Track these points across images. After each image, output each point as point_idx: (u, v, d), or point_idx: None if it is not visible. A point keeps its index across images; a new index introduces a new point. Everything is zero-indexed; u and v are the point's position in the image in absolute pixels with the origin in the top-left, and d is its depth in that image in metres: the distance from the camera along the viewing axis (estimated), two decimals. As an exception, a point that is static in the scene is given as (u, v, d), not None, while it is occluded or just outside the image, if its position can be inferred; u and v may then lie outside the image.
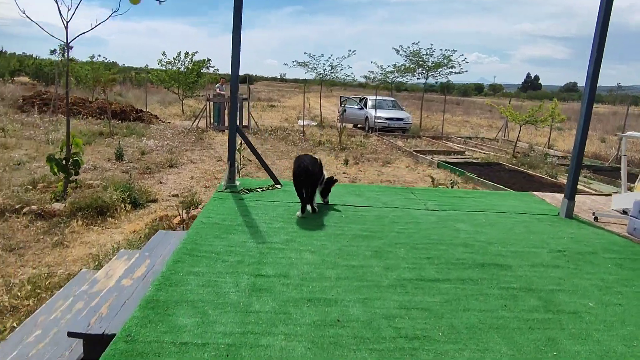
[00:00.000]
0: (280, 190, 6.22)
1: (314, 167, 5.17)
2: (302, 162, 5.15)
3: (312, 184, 5.25)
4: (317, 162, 5.37)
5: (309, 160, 5.21)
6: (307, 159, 5.23)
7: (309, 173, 5.06)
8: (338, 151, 15.31)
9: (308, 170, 5.05)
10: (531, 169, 13.84)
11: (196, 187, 9.37)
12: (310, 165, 5.12)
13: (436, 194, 6.68)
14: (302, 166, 5.07)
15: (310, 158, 5.35)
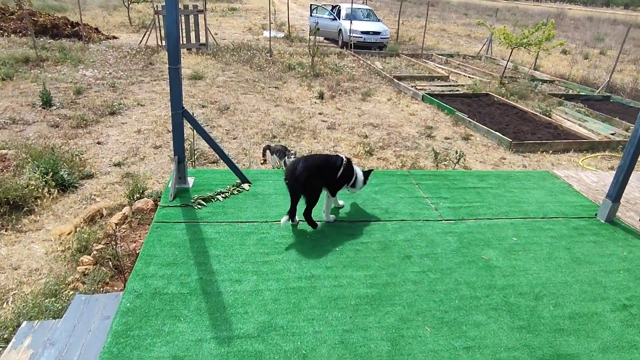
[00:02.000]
0: (249, 194, 4.61)
1: (316, 173, 3.85)
2: (299, 165, 3.79)
3: (312, 192, 3.79)
4: (334, 165, 3.98)
5: (315, 165, 3.85)
6: (315, 162, 3.93)
7: (307, 181, 3.79)
8: (311, 79, 13.26)
9: (307, 179, 3.79)
10: (522, 100, 12.44)
11: (144, 149, 7.52)
12: (311, 172, 3.80)
13: (444, 182, 5.24)
14: (299, 172, 3.76)
15: (321, 161, 3.93)
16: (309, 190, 3.83)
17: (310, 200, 3.89)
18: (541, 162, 8.42)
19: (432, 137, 9.27)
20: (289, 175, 3.79)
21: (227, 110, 9.80)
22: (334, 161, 4.00)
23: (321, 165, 3.89)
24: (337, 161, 4.00)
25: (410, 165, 7.73)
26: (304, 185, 3.76)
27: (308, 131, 9.02)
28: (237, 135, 8.46)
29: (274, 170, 5.54)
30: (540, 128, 10.23)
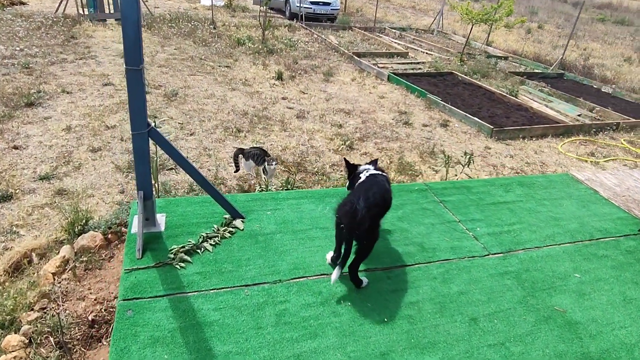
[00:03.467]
0: (245, 234, 3.41)
1: (379, 212, 2.98)
2: (359, 205, 2.79)
3: (373, 239, 2.84)
4: (388, 191, 3.10)
5: (377, 201, 2.91)
6: (376, 196, 2.92)
7: (373, 225, 2.87)
8: (265, 56, 11.79)
9: (373, 222, 2.86)
10: (484, 79, 11.94)
11: (79, 154, 5.91)
12: (375, 212, 2.88)
13: (469, 197, 4.38)
14: (361, 215, 2.77)
15: (380, 191, 2.99)
16: (372, 236, 2.81)
17: (368, 250, 2.87)
18: (524, 149, 7.89)
19: (409, 124, 8.40)
20: (348, 219, 2.72)
21: (176, 97, 8.21)
22: (384, 183, 3.02)
23: (382, 197, 2.88)
24: (387, 182, 3.04)
25: (398, 160, 6.82)
26: (368, 231, 2.73)
27: (275, 121, 7.76)
28: (194, 130, 7.02)
29: (268, 194, 4.29)
30: (512, 111, 9.76)
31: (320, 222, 3.62)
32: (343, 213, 2.75)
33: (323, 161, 6.60)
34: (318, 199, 3.96)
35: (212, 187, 3.31)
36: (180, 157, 3.11)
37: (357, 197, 2.81)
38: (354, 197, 2.84)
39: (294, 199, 3.90)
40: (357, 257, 2.88)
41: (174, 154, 3.08)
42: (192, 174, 3.21)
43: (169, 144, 3.07)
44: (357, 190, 2.94)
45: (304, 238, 3.39)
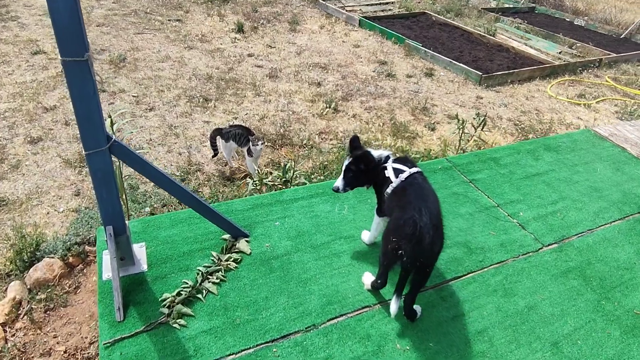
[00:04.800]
0: (255, 261, 2.62)
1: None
2: (426, 227, 2.10)
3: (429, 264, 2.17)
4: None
5: (438, 214, 2.25)
6: (436, 208, 2.25)
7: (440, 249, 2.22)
8: (219, 4, 10.30)
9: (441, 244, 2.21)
10: (458, 18, 11.09)
11: (14, 147, 4.76)
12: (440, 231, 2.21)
13: (497, 171, 3.74)
14: (430, 238, 2.09)
15: (435, 201, 2.30)
16: (434, 261, 2.14)
17: (428, 276, 2.18)
18: (515, 96, 7.33)
19: (392, 76, 7.57)
20: (412, 245, 1.99)
21: (125, 63, 6.92)
22: (432, 187, 2.31)
23: (439, 209, 2.16)
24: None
25: (390, 120, 6.07)
26: (437, 257, 2.06)
27: (246, 85, 6.72)
28: (152, 104, 5.90)
29: (271, 196, 3.25)
30: (494, 52, 9.09)
31: (342, 229, 2.88)
32: (404, 237, 2.02)
33: (309, 129, 5.75)
34: (331, 194, 3.19)
35: (203, 205, 2.45)
36: (158, 174, 2.22)
37: (415, 211, 2.07)
38: (406, 212, 2.10)
39: (303, 199, 3.11)
40: (414, 287, 2.20)
41: (149, 172, 2.18)
42: (177, 193, 2.33)
43: (140, 160, 2.16)
44: (405, 200, 2.20)
45: (327, 255, 2.66)
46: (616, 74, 8.60)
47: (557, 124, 6.52)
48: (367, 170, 2.39)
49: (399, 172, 2.35)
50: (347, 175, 2.41)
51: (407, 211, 2.11)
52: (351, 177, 2.42)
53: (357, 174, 2.40)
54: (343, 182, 2.42)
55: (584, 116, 6.92)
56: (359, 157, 2.39)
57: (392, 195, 2.32)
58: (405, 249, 2.02)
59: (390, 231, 2.16)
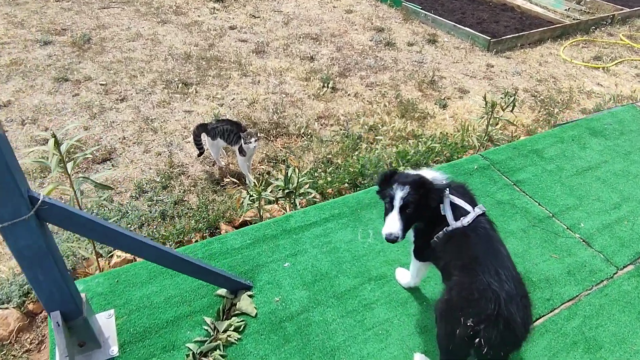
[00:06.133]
0: (265, 323, 1.95)
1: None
2: (518, 310, 1.42)
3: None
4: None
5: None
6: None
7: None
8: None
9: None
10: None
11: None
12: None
13: (541, 167, 3.07)
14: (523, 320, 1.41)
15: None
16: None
17: None
18: (527, 62, 6.59)
19: (392, 45, 6.73)
20: (499, 331, 1.36)
21: (90, 45, 5.97)
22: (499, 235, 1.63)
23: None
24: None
25: (396, 98, 5.33)
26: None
27: (230, 63, 5.86)
28: (124, 93, 5.05)
29: (275, 223, 2.49)
30: (498, 12, 8.25)
31: (370, 265, 2.22)
32: (482, 318, 1.37)
33: (305, 114, 4.99)
34: (350, 215, 2.51)
35: (187, 262, 1.76)
36: (117, 235, 1.50)
37: (491, 276, 1.42)
38: (477, 276, 1.44)
39: (316, 225, 2.43)
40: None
41: (104, 234, 1.47)
42: (148, 253, 1.63)
43: (86, 219, 1.43)
44: (471, 255, 1.54)
45: (356, 307, 2.01)
46: (631, 31, 7.85)
47: (577, 92, 5.83)
48: (430, 203, 1.68)
49: (457, 209, 1.68)
50: (406, 211, 1.66)
51: (478, 275, 1.45)
52: (411, 214, 1.68)
53: (419, 208, 1.67)
54: (401, 223, 1.66)
55: (603, 82, 6.23)
56: (421, 184, 1.68)
57: (448, 243, 1.66)
58: (486, 336, 1.37)
59: (455, 306, 1.51)
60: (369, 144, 4.55)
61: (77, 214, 1.36)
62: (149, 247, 1.58)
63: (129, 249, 1.59)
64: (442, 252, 1.68)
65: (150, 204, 3.65)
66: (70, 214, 1.34)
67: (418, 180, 1.67)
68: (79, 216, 1.37)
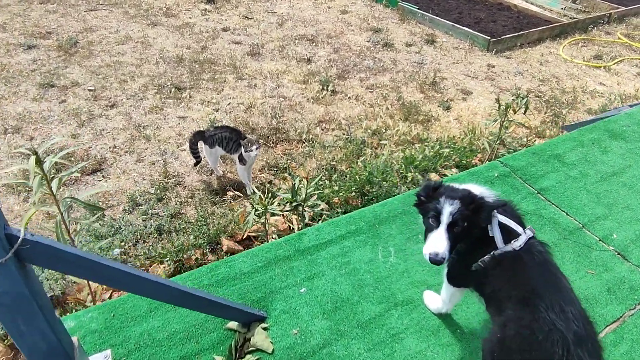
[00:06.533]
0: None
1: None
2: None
3: None
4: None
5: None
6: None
7: None
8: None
9: None
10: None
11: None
12: None
13: (565, 173, 2.89)
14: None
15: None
16: None
17: None
18: (528, 61, 6.45)
19: (390, 45, 6.55)
20: None
21: (77, 48, 5.68)
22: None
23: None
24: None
25: (398, 100, 5.13)
26: None
27: (224, 66, 5.61)
28: (114, 99, 4.78)
29: (287, 242, 2.17)
30: (495, 12, 8.12)
31: (395, 288, 2.00)
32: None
33: (305, 119, 4.76)
34: (368, 231, 2.29)
35: (193, 297, 1.52)
36: (111, 273, 1.26)
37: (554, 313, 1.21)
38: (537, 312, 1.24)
39: (332, 243, 2.20)
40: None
41: (96, 271, 1.23)
42: (149, 291, 1.39)
43: (76, 256, 1.19)
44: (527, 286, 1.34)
45: (384, 339, 1.79)
46: (628, 30, 7.77)
47: (581, 92, 5.70)
48: (479, 222, 1.47)
49: (506, 229, 1.47)
50: (454, 229, 1.45)
51: (540, 311, 1.25)
52: (459, 233, 1.46)
53: (468, 226, 1.46)
54: (448, 242, 1.44)
55: (605, 81, 6.11)
56: (472, 199, 1.47)
57: (496, 269, 1.45)
58: None
59: (512, 348, 1.29)
60: (373, 149, 4.35)
61: (65, 251, 1.12)
62: (151, 284, 1.35)
63: (129, 288, 1.35)
64: (489, 278, 1.47)
65: (145, 218, 3.40)
66: (57, 252, 1.10)
67: (468, 196, 1.46)
68: (68, 254, 1.13)
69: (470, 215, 1.42)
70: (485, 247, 1.50)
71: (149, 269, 2.92)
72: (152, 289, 1.35)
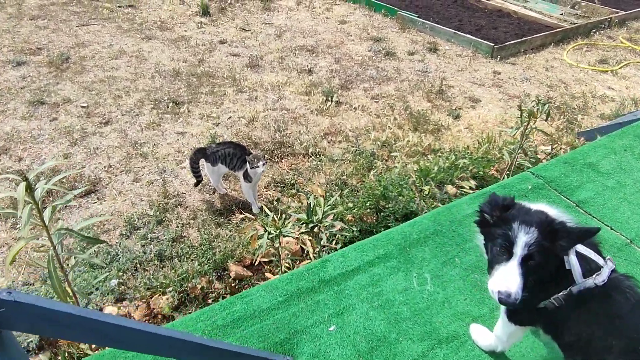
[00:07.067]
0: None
1: None
2: None
3: None
4: None
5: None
6: None
7: None
8: (176, -16, 8.70)
9: None
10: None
11: None
12: None
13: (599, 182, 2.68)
14: None
15: None
16: None
17: None
18: (533, 67, 6.29)
19: (392, 54, 6.37)
20: None
21: (69, 64, 5.44)
22: None
23: None
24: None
25: (405, 110, 4.93)
26: None
27: (223, 79, 5.39)
28: (108, 116, 4.53)
29: (308, 271, 1.90)
30: (495, 19, 8.00)
31: (436, 322, 1.74)
32: None
33: (310, 131, 4.54)
34: (398, 255, 2.03)
35: (210, 349, 1.25)
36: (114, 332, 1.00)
37: None
38: None
39: (360, 271, 1.94)
40: None
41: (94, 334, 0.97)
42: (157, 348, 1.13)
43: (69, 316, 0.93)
44: (627, 330, 1.09)
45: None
46: (629, 34, 7.67)
47: (591, 97, 5.53)
48: (558, 253, 1.22)
49: (584, 260, 1.23)
50: (529, 263, 1.19)
51: None
52: (535, 268, 1.20)
53: (546, 260, 1.20)
54: (521, 279, 1.18)
55: (614, 85, 5.96)
56: (550, 225, 1.21)
57: (576, 309, 1.20)
58: None
59: None
60: (384, 162, 4.12)
61: (56, 310, 0.86)
62: (163, 340, 1.09)
63: (138, 348, 1.09)
64: (569, 321, 1.22)
65: (144, 242, 3.13)
66: (45, 312, 0.85)
67: (546, 221, 1.22)
68: (59, 314, 0.87)
69: (549, 248, 1.17)
70: (558, 280, 1.25)
71: (150, 301, 2.64)
72: (167, 346, 1.10)
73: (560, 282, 1.24)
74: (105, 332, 0.96)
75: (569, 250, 1.22)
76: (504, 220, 1.24)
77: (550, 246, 1.18)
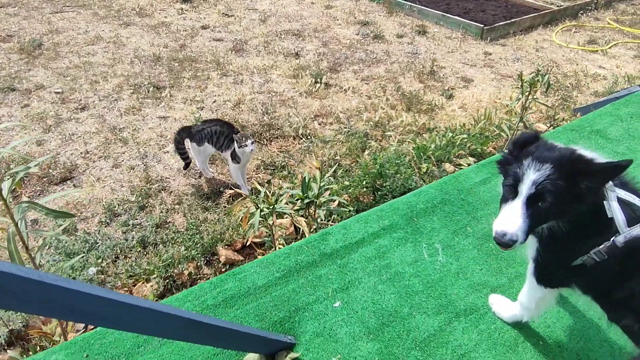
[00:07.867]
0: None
1: None
2: None
3: None
4: None
5: None
6: None
7: None
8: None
9: None
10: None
11: None
12: None
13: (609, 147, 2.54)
14: None
15: None
16: None
17: None
18: (523, 48, 6.18)
19: (381, 37, 6.20)
20: None
21: (41, 50, 5.14)
22: None
23: None
24: None
25: (397, 91, 4.76)
26: None
27: (206, 63, 5.15)
28: (84, 101, 4.26)
29: (307, 245, 1.76)
30: (483, 2, 7.90)
31: (451, 294, 1.57)
32: None
33: (300, 113, 4.34)
34: (405, 225, 1.85)
35: (200, 325, 1.05)
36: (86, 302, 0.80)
37: None
38: None
39: (365, 243, 1.76)
40: None
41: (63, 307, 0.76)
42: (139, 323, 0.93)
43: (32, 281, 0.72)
44: None
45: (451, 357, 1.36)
46: (616, 15, 7.64)
47: (583, 76, 5.44)
48: (582, 192, 1.06)
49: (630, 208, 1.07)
50: (538, 204, 1.05)
51: None
52: (547, 210, 1.06)
53: (563, 202, 1.04)
54: (525, 220, 1.03)
55: (604, 64, 5.88)
56: (573, 163, 1.06)
57: (625, 262, 1.04)
58: None
59: None
60: (378, 142, 3.95)
61: (20, 276, 0.64)
62: (146, 313, 0.88)
63: (115, 324, 0.88)
64: (619, 276, 1.06)
65: (126, 229, 2.90)
66: (7, 279, 0.62)
67: (568, 158, 1.05)
68: (24, 280, 0.65)
69: (567, 188, 1.00)
70: (597, 231, 1.09)
71: (133, 289, 2.42)
72: (152, 322, 0.89)
73: (600, 233, 1.07)
74: (73, 301, 0.75)
75: (597, 191, 1.05)
76: (518, 157, 1.07)
77: (568, 186, 1.00)
